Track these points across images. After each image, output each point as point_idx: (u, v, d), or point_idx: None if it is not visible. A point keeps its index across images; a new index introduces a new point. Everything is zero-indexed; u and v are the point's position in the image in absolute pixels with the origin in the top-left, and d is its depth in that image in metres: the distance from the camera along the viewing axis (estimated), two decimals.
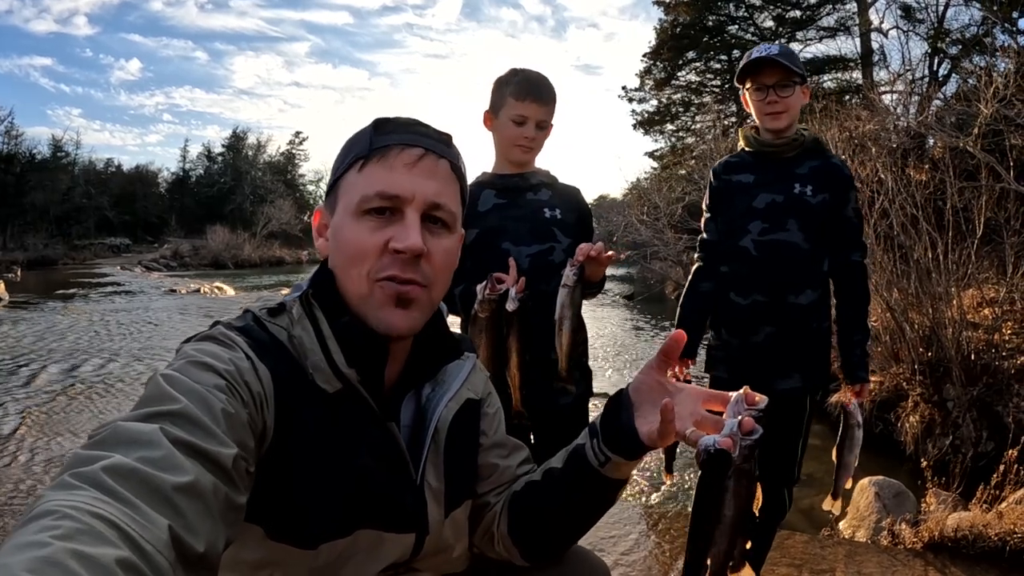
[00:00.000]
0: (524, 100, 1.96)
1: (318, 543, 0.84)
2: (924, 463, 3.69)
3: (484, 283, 1.74)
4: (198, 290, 17.75)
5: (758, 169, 2.17)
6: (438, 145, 0.92)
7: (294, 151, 60.63)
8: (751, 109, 2.16)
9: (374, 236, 0.87)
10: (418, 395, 0.99)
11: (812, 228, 2.09)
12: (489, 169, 2.11)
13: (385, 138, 0.90)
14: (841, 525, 3.52)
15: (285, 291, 0.96)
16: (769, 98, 2.08)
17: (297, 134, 64.44)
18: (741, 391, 0.81)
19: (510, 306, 1.73)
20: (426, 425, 0.97)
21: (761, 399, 0.81)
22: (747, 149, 2.22)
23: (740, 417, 0.78)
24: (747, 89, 2.15)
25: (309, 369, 0.86)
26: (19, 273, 22.79)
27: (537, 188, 2.05)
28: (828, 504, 2.25)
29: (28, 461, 4.48)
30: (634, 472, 1.01)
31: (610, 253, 1.78)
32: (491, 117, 2.05)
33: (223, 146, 58.59)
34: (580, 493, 0.98)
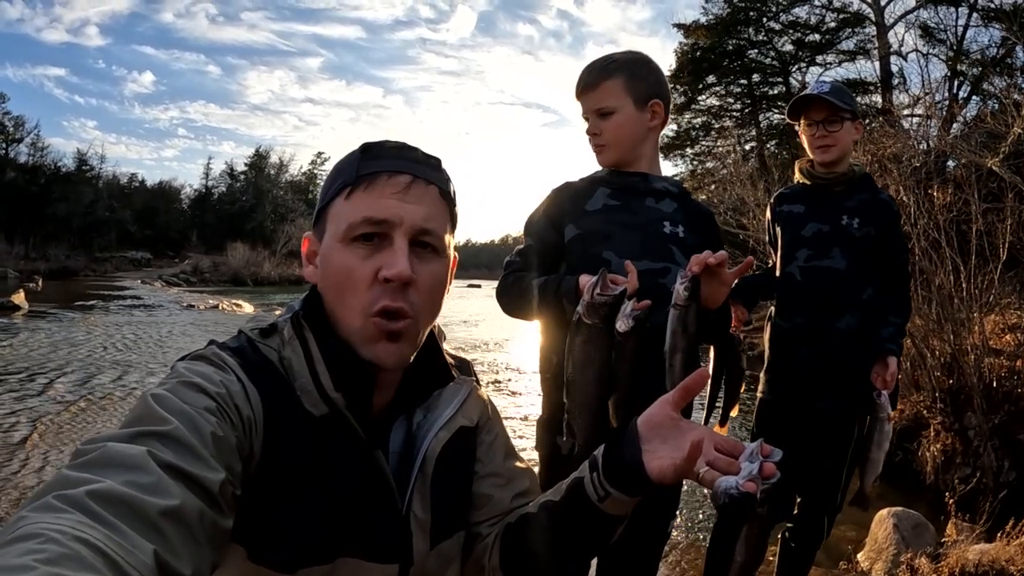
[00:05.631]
0: (578, 98, 1.71)
1: (297, 568, 0.82)
2: (945, 494, 3.59)
3: (594, 280, 1.34)
4: (216, 306, 17.94)
5: (809, 200, 2.29)
6: (426, 170, 0.92)
7: (316, 171, 61.47)
8: (805, 143, 2.28)
9: (364, 264, 0.86)
10: (409, 421, 0.97)
11: (856, 256, 2.16)
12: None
13: (372, 164, 0.90)
14: (859, 557, 3.42)
15: (279, 311, 0.95)
16: (818, 133, 2.19)
17: (319, 154, 65.37)
18: (758, 442, 0.80)
19: (621, 325, 1.31)
20: (415, 454, 0.95)
21: (776, 451, 0.79)
22: (802, 181, 2.32)
23: (760, 462, 0.77)
24: (800, 124, 2.27)
25: (297, 392, 0.86)
26: (40, 283, 23.16)
27: (660, 196, 1.72)
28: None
29: (39, 469, 4.50)
30: None
31: (736, 269, 1.40)
32: None
33: (246, 164, 59.77)
34: (576, 529, 0.92)
